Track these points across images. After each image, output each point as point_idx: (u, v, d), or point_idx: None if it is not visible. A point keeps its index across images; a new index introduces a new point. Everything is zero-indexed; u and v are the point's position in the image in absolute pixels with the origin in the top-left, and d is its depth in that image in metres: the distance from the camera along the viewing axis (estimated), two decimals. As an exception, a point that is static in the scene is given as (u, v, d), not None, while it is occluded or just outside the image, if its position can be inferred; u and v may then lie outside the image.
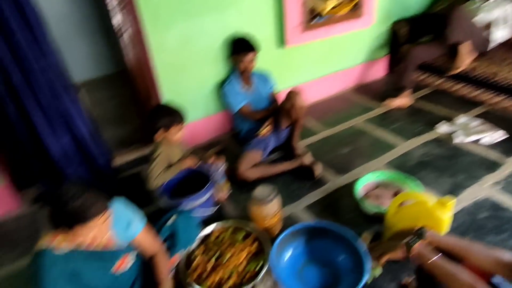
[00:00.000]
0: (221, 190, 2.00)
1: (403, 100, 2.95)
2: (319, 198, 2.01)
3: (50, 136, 2.03)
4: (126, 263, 1.30)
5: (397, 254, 1.04)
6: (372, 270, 1.34)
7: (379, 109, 2.98)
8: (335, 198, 2.00)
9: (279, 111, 2.32)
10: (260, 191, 1.66)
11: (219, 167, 2.00)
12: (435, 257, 0.94)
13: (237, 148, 2.62)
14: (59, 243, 1.14)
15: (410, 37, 3.33)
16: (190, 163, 1.90)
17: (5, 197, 2.14)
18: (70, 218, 1.06)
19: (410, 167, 2.18)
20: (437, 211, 1.38)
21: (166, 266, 1.38)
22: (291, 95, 2.14)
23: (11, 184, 2.20)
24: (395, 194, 1.86)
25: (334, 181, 2.14)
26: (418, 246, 0.98)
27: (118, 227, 1.26)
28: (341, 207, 1.92)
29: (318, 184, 2.12)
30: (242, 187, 2.16)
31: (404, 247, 1.01)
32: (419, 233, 1.04)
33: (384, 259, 1.06)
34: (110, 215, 1.14)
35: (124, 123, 3.29)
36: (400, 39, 3.35)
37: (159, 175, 1.78)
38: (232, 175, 2.16)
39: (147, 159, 2.58)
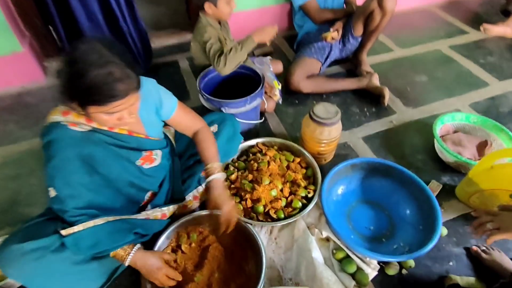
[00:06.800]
0: (271, 93, 1.68)
1: (507, 29, 2.31)
2: (382, 130, 1.68)
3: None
4: (154, 158, 1.09)
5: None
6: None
7: (472, 35, 2.39)
8: (401, 134, 1.66)
9: (357, 12, 1.83)
10: (322, 109, 1.34)
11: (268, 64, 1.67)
12: None
13: (290, 53, 2.21)
14: (75, 120, 0.90)
15: None
16: (263, 37, 1.46)
17: (27, 64, 1.92)
18: (83, 94, 0.78)
19: (502, 114, 1.75)
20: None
21: (212, 141, 1.14)
22: (383, -8, 1.62)
23: (34, 51, 1.95)
24: (481, 145, 1.50)
25: (403, 113, 1.77)
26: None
27: (146, 110, 1.01)
28: (407, 145, 1.60)
29: (383, 113, 1.77)
30: (291, 100, 1.84)
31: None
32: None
33: (497, 237, 0.78)
34: (138, 98, 0.86)
35: (158, 3, 2.83)
36: None
37: (230, 56, 1.40)
38: (283, 83, 1.82)
39: (184, 47, 2.27)
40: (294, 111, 1.79)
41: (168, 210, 1.17)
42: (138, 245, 1.01)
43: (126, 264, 0.97)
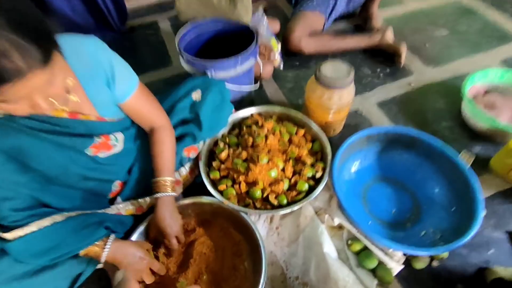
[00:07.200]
0: (270, 56, 1.42)
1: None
2: (399, 94, 1.43)
3: None
4: (112, 145, 0.85)
5: None
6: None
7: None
8: (422, 97, 1.41)
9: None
10: (331, 68, 1.08)
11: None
12: None
13: (288, 9, 1.92)
14: None
15: None
16: None
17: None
18: None
19: (537, 70, 1.50)
20: None
21: (171, 147, 0.92)
22: None
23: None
24: (519, 105, 1.26)
25: (422, 74, 1.51)
26: None
27: (95, 85, 0.75)
28: (430, 110, 1.36)
29: (400, 74, 1.51)
30: (291, 61, 1.57)
31: None
32: None
33: None
34: (55, 75, 0.57)
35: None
36: None
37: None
38: (281, 42, 1.54)
39: (165, 6, 1.97)
40: (294, 74, 1.52)
41: (145, 202, 0.95)
42: (113, 236, 0.81)
43: (103, 259, 0.78)
